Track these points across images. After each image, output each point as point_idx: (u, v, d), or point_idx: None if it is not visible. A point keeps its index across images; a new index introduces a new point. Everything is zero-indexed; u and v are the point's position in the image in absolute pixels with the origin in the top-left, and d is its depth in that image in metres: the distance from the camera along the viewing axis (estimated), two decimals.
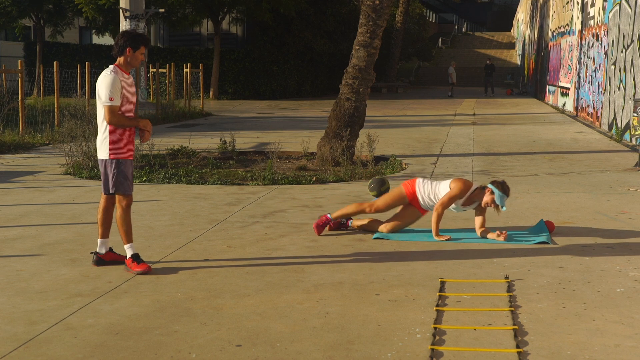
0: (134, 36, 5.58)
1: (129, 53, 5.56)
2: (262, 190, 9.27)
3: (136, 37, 5.57)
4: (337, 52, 36.03)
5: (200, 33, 36.89)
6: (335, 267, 5.74)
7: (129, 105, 5.61)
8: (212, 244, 6.46)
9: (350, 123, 11.52)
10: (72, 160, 10.87)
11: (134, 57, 5.58)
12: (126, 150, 5.59)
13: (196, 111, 23.20)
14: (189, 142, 13.56)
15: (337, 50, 35.81)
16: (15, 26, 34.22)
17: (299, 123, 20.22)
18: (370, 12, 11.41)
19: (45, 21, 33.73)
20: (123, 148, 5.57)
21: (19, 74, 15.41)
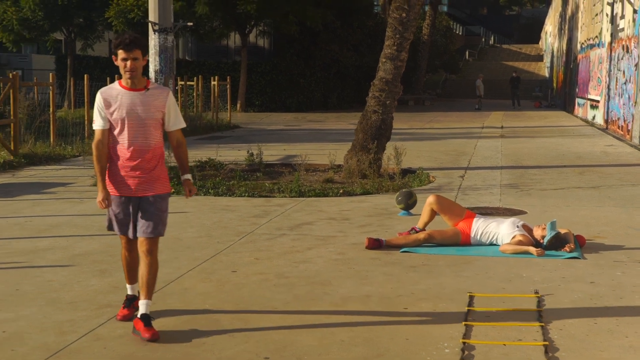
0: (115, 40, 4.53)
1: (116, 62, 4.55)
2: (289, 203, 9.28)
3: (115, 41, 4.52)
4: (363, 65, 36.08)
5: (228, 46, 37.16)
6: (363, 280, 5.72)
7: (123, 129, 4.51)
8: (240, 256, 6.47)
9: (377, 135, 11.51)
10: None
11: (119, 66, 4.52)
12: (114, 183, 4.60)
13: (223, 123, 23.34)
14: (216, 154, 13.63)
15: (363, 63, 35.86)
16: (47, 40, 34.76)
17: (326, 135, 20.24)
18: (397, 25, 11.42)
19: (76, 35, 34.22)
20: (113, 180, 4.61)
21: (51, 86, 15.63)
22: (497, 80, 49.63)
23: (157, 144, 4.60)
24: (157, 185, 4.60)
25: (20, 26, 31.69)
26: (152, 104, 4.54)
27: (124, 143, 4.52)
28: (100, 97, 4.56)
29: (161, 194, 4.62)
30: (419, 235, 6.86)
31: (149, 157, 4.56)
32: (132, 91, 4.53)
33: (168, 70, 23.08)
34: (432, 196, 7.23)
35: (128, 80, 4.53)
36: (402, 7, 11.38)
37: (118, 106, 4.50)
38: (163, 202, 4.64)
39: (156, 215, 4.57)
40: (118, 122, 4.51)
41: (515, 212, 8.63)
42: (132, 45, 4.42)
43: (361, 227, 7.77)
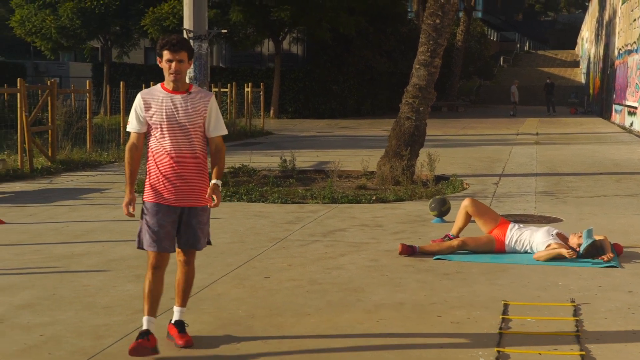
0: (161, 41, 4.36)
1: (160, 64, 4.37)
2: (322, 209, 9.28)
3: (161, 42, 4.34)
4: (396, 71, 36.00)
5: (261, 53, 37.35)
6: (396, 288, 5.69)
7: (164, 134, 4.31)
8: (273, 262, 6.49)
9: (410, 142, 11.47)
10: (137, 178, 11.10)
11: (164, 68, 4.34)
12: (152, 190, 4.37)
13: (257, 130, 23.45)
14: (249, 160, 13.70)
15: (396, 69, 35.78)
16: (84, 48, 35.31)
17: (359, 142, 20.22)
18: (431, 31, 11.38)
19: (112, 43, 34.71)
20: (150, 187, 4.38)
21: (87, 93, 15.86)
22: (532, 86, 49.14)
23: (200, 152, 4.38)
24: (200, 196, 4.36)
25: (59, 34, 32.24)
26: (193, 108, 4.33)
27: (166, 148, 4.30)
28: (139, 98, 4.36)
29: (204, 205, 4.40)
30: (453, 242, 6.81)
31: (191, 165, 4.34)
32: (173, 94, 4.34)
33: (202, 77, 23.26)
34: (468, 199, 7.18)
35: (171, 83, 4.32)
36: (436, 13, 11.34)
37: (158, 109, 4.31)
38: (205, 215, 4.43)
39: (198, 229, 4.38)
40: (158, 125, 4.31)
41: (551, 220, 8.53)
42: (179, 46, 4.26)
43: (394, 234, 7.75)
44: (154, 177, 4.36)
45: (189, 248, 4.40)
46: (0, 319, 4.88)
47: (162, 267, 4.37)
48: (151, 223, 4.31)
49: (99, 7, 31.35)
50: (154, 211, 4.31)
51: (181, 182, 4.32)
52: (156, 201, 4.33)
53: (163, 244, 4.31)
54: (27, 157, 12.44)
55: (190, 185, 4.34)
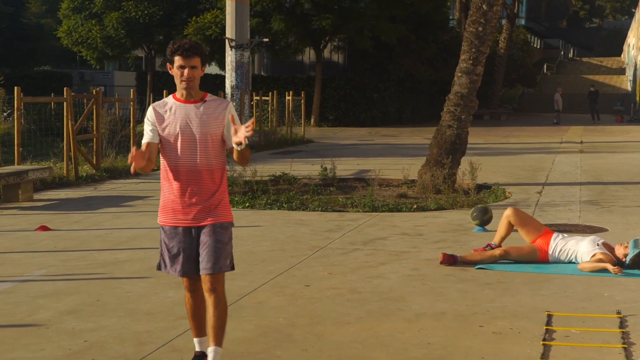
0: (172, 46, 3.96)
1: (171, 70, 3.99)
2: (362, 217, 9.26)
3: (172, 47, 3.96)
4: (438, 79, 35.81)
5: (303, 61, 37.50)
6: (437, 297, 5.65)
7: (177, 147, 3.96)
8: (313, 270, 6.49)
9: (451, 150, 11.38)
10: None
11: (175, 75, 3.95)
12: (168, 212, 4.06)
13: (297, 138, 23.53)
14: (290, 168, 13.75)
15: (438, 77, 35.60)
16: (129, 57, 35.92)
17: (399, 150, 20.15)
18: (473, 39, 11.29)
19: (156, 52, 35.22)
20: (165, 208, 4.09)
21: (131, 102, 16.11)
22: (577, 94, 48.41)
23: (217, 165, 4.00)
24: (217, 213, 4.00)
25: (104, 44, 32.85)
26: (209, 117, 3.96)
27: (180, 163, 3.95)
28: (151, 110, 4.02)
29: (222, 222, 4.00)
30: (495, 251, 6.73)
31: (207, 180, 3.97)
32: (186, 103, 3.97)
33: (244, 86, 23.46)
34: (510, 209, 7.09)
35: (183, 92, 3.95)
36: (478, 21, 11.26)
37: (171, 120, 3.95)
38: (224, 233, 4.00)
39: (217, 248, 3.95)
40: (171, 138, 3.96)
41: (596, 230, 8.37)
42: (192, 51, 3.88)
43: (435, 243, 7.69)
44: (168, 196, 4.03)
45: (208, 272, 3.93)
46: (47, 324, 4.97)
47: (197, 288, 4.08)
48: (170, 247, 4.03)
49: (144, 17, 31.88)
50: (172, 234, 4.02)
51: (198, 199, 3.97)
52: (173, 224, 4.01)
53: (185, 267, 4.01)
54: (72, 165, 12.67)
55: (208, 202, 3.98)
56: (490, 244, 7.14)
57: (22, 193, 10.38)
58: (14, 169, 10.57)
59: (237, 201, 10.27)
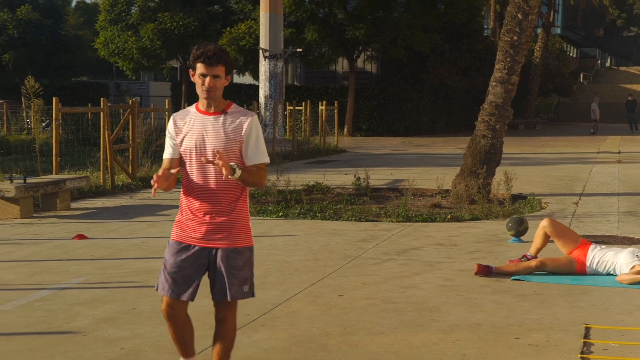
0: (196, 51, 3.66)
1: (193, 78, 3.72)
2: (396, 227, 9.23)
3: (195, 52, 3.66)
4: (472, 88, 35.62)
5: (336, 71, 37.58)
6: (472, 308, 5.60)
7: (192, 161, 3.70)
8: (347, 280, 6.48)
9: (486, 160, 11.29)
10: None
11: (196, 83, 3.68)
12: (178, 227, 3.78)
13: (331, 148, 23.56)
14: (323, 178, 13.75)
15: (472, 87, 35.40)
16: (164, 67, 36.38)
17: (433, 160, 20.06)
18: (507, 48, 11.21)
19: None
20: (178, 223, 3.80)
21: (166, 112, 16.28)
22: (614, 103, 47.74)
23: (233, 183, 3.67)
24: (232, 235, 3.69)
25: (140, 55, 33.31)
26: (226, 131, 3.64)
27: (195, 179, 3.68)
28: (171, 121, 3.77)
29: (237, 247, 3.70)
30: (531, 262, 6.66)
31: (222, 199, 3.67)
32: (206, 114, 3.68)
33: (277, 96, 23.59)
34: (546, 219, 7.00)
35: (204, 101, 3.68)
36: (513, 30, 11.17)
37: (188, 132, 3.68)
38: (239, 258, 3.70)
39: (230, 275, 3.67)
40: (187, 152, 3.68)
41: (635, 241, 8.23)
42: (216, 59, 3.59)
43: (470, 254, 7.63)
44: (182, 213, 3.75)
45: (220, 298, 3.70)
46: (84, 331, 5.03)
47: (177, 316, 3.75)
48: (169, 263, 3.71)
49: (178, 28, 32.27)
50: (175, 250, 3.71)
51: (211, 218, 3.67)
52: (179, 239, 3.72)
53: (178, 288, 3.68)
54: (108, 174, 12.84)
55: (222, 223, 3.68)
56: (526, 255, 7.05)
57: (60, 202, 10.55)
58: (52, 178, 10.74)
59: (271, 210, 10.31)
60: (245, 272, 3.72)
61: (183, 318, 3.78)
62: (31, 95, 13.14)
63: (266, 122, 22.81)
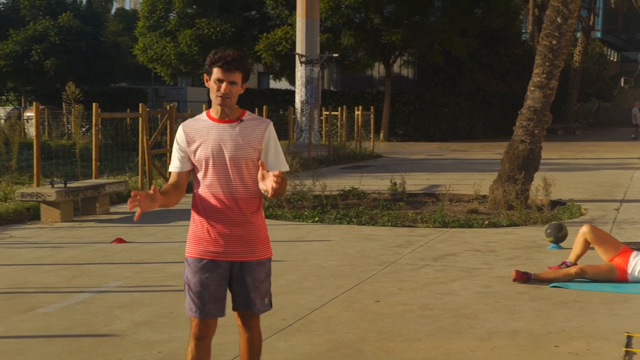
0: (212, 56, 3.54)
1: (207, 83, 3.59)
2: (432, 233, 9.17)
3: (212, 56, 3.53)
4: (510, 93, 35.29)
5: (372, 76, 37.53)
6: (510, 315, 5.53)
7: (208, 172, 3.53)
8: (383, 286, 6.45)
9: (524, 166, 11.17)
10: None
11: (210, 89, 3.55)
12: (195, 243, 3.57)
13: (367, 153, 23.52)
14: (359, 183, 13.73)
15: (510, 91, 35.07)
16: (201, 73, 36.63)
17: (470, 165, 19.90)
18: (546, 53, 11.09)
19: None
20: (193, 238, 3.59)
21: None
22: None
23: (254, 193, 3.55)
24: (253, 247, 3.56)
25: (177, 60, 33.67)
26: (246, 139, 3.51)
27: (212, 190, 3.51)
28: (181, 131, 3.57)
29: (260, 259, 3.57)
30: (570, 269, 6.56)
31: (243, 209, 3.52)
32: (221, 123, 3.53)
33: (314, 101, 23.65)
34: (586, 226, 6.89)
35: (218, 108, 3.53)
36: (552, 34, 11.04)
37: (203, 142, 3.51)
38: (262, 270, 3.58)
39: (253, 288, 3.55)
40: (202, 162, 3.52)
41: None
42: (234, 65, 3.46)
43: (508, 260, 7.54)
44: (197, 226, 3.55)
45: (245, 309, 3.59)
46: (122, 334, 5.09)
47: (207, 336, 3.57)
48: (192, 282, 3.52)
49: (216, 34, 32.56)
50: (196, 268, 3.52)
51: (232, 230, 3.52)
52: (199, 256, 3.52)
53: (207, 308, 3.51)
54: (147, 178, 12.98)
55: (243, 235, 3.53)
56: (566, 261, 6.95)
57: (100, 206, 10.70)
58: (91, 183, 10.89)
59: (307, 215, 10.32)
60: (267, 285, 3.62)
61: (209, 342, 3.60)
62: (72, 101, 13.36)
63: (302, 127, 22.87)
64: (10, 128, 13.11)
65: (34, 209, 10.08)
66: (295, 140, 21.93)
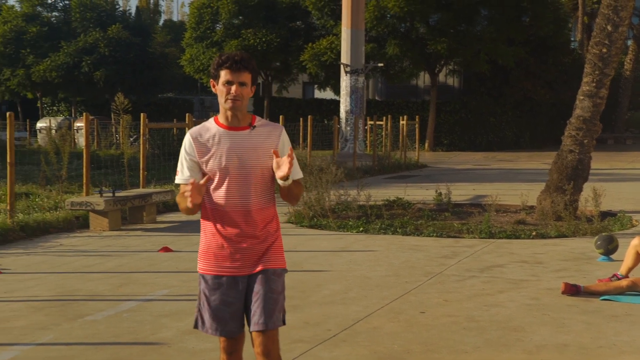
0: (219, 59, 3.38)
1: (214, 88, 3.41)
2: (478, 244, 9.06)
3: (219, 59, 3.37)
4: (558, 102, 34.77)
5: (417, 85, 37.38)
6: (559, 328, 5.43)
7: (222, 183, 3.35)
8: (428, 297, 6.39)
9: (573, 176, 10.97)
10: (293, 209, 11.35)
11: (219, 93, 3.36)
12: (210, 258, 3.42)
13: (411, 162, 23.41)
14: (404, 193, 13.65)
15: (558, 100, 34.56)
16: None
17: (517, 175, 19.63)
18: (596, 61, 10.89)
19: (272, 78, 36.11)
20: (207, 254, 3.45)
21: None
22: None
23: (269, 202, 3.45)
24: (269, 257, 3.41)
25: None
26: (259, 147, 3.36)
27: (225, 201, 3.34)
28: (189, 139, 3.38)
29: (275, 268, 3.41)
30: (622, 282, 6.40)
31: (258, 220, 3.38)
32: (232, 130, 3.36)
33: (358, 111, 23.64)
34: (638, 238, 6.73)
35: (228, 113, 3.34)
36: (602, 42, 10.85)
37: (215, 151, 3.33)
38: (278, 281, 3.41)
39: (271, 300, 3.35)
40: (215, 172, 3.34)
41: None
42: (242, 64, 3.31)
43: (556, 272, 7.41)
44: (210, 240, 3.40)
45: (261, 328, 3.32)
46: (169, 342, 5.14)
47: (238, 349, 3.48)
48: (212, 301, 3.38)
49: (261, 44, 32.81)
50: (215, 285, 3.38)
51: (248, 243, 3.37)
52: (217, 273, 3.38)
53: (229, 326, 3.39)
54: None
55: (260, 247, 3.40)
56: (617, 274, 6.80)
57: (147, 215, 10.85)
58: (139, 192, 11.06)
59: (352, 225, 10.30)
60: (283, 299, 3.44)
61: (240, 353, 3.51)
62: (120, 111, 13.58)
63: (347, 137, 22.86)
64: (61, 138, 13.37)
65: (83, 217, 10.27)
66: (340, 150, 21.95)
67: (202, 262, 3.41)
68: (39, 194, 12.37)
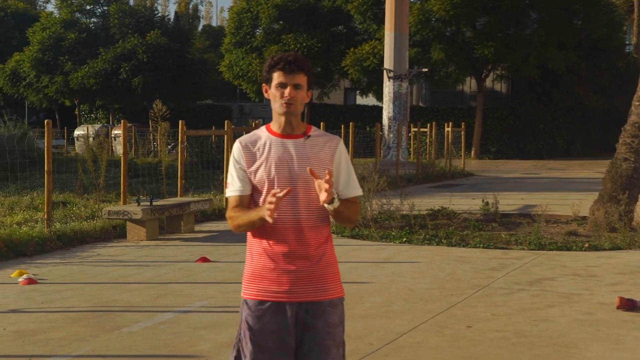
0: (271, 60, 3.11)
1: (267, 93, 3.13)
2: (527, 256, 8.76)
3: (270, 61, 3.10)
4: (612, 108, 33.93)
5: (463, 91, 36.93)
6: (614, 345, 5.18)
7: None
8: (475, 311, 6.14)
9: (628, 185, 10.57)
10: None
11: (272, 98, 3.08)
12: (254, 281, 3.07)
13: (457, 171, 23.03)
14: (449, 202, 13.34)
15: (612, 106, 33.73)
16: None
17: (568, 184, 19.16)
18: None
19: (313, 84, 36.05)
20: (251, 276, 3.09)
21: None
22: None
23: (323, 219, 3.09)
24: (324, 285, 3.05)
25: None
26: (314, 158, 3.06)
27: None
28: (238, 147, 3.10)
29: (332, 298, 3.06)
30: None
31: (311, 239, 3.04)
32: (285, 138, 3.07)
33: (402, 117, 23.35)
34: None
35: (281, 119, 3.06)
36: None
37: (264, 161, 3.04)
38: (334, 312, 3.06)
39: (326, 335, 3.00)
40: (264, 183, 3.04)
41: None
42: (297, 65, 3.05)
43: (610, 286, 7.09)
44: (257, 262, 3.07)
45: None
46: (207, 355, 5.01)
47: None
48: (256, 329, 3.01)
49: (302, 49, 32.69)
50: (259, 312, 3.02)
51: (297, 265, 3.02)
52: (260, 297, 3.03)
53: (274, 357, 3.00)
54: None
55: (312, 270, 3.04)
56: None
57: (184, 224, 10.73)
58: (177, 201, 10.96)
59: (395, 236, 10.07)
60: (341, 331, 3.08)
61: None
62: (158, 119, 13.51)
63: (390, 145, 22.58)
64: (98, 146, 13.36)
65: (121, 226, 10.18)
66: (383, 158, 21.68)
67: (246, 285, 3.07)
68: (76, 202, 12.35)
